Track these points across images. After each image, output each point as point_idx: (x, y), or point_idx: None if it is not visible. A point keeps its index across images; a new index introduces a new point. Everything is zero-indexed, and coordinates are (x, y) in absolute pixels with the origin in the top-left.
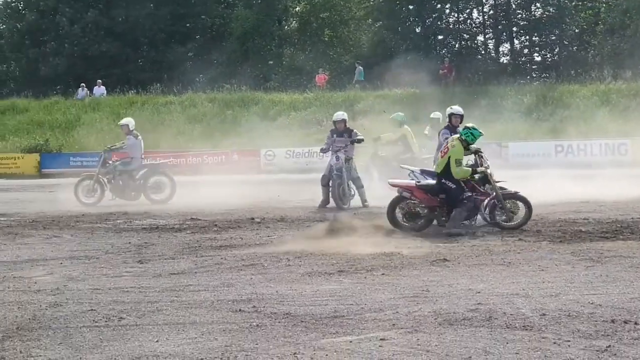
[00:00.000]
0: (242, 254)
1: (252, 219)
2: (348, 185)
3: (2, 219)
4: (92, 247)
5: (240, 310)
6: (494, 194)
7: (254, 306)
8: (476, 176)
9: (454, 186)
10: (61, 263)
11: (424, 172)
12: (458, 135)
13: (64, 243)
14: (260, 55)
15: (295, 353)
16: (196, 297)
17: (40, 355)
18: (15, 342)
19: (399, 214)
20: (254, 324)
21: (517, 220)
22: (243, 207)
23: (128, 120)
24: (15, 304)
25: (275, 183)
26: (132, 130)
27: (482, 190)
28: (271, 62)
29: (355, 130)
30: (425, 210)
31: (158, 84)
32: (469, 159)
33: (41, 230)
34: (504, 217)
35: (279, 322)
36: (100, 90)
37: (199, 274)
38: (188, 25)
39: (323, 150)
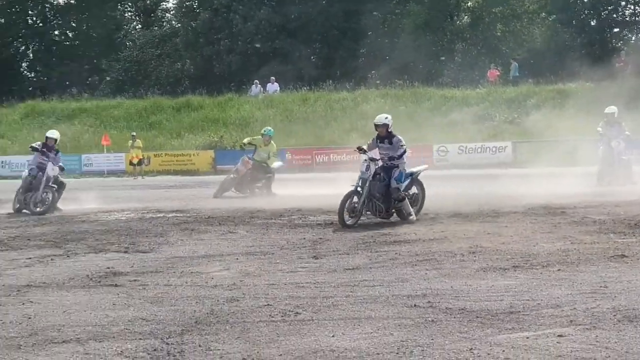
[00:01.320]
0: (416, 250)
1: (426, 214)
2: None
3: (178, 215)
4: (267, 242)
5: (415, 305)
6: None
7: (429, 301)
8: None
9: None
10: (237, 259)
11: None
12: None
13: (240, 239)
14: (432, 51)
15: (471, 349)
16: (371, 292)
17: (218, 349)
18: (194, 336)
19: None
20: (429, 319)
21: None
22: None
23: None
24: (194, 299)
25: (448, 179)
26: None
27: None
28: (443, 58)
29: (397, 137)
30: None
31: (330, 81)
32: None
33: (217, 226)
34: None
35: (454, 317)
36: (273, 87)
37: (374, 269)
38: (360, 21)
39: (360, 149)
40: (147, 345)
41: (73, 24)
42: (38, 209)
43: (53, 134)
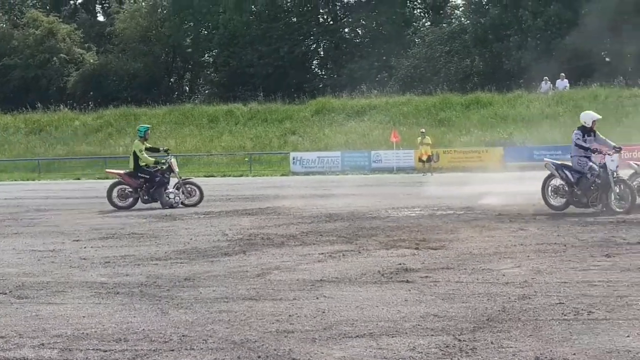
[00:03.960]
0: None
1: None
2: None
3: (469, 212)
4: (558, 240)
5: None
6: None
7: None
8: None
9: None
10: (528, 256)
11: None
12: None
13: (530, 236)
14: None
15: None
16: None
17: (510, 347)
18: (486, 333)
19: None
20: None
21: None
22: None
23: None
24: (485, 296)
25: None
26: None
27: None
28: None
29: None
30: None
31: (621, 77)
32: None
33: (507, 223)
34: None
35: None
36: (563, 83)
37: None
38: None
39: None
40: (439, 341)
41: (363, 22)
42: None
43: (594, 115)
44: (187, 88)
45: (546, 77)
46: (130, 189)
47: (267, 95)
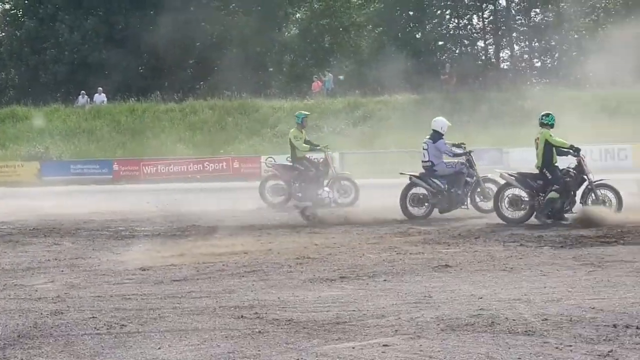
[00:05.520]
0: (243, 261)
1: (252, 225)
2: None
3: (2, 226)
4: (93, 254)
5: (242, 316)
6: None
7: (256, 312)
8: None
9: None
10: (62, 271)
11: None
12: None
13: (65, 250)
14: (261, 62)
15: (297, 359)
16: (198, 304)
17: None
18: (17, 350)
19: None
20: (256, 330)
21: None
22: (245, 214)
23: None
24: (17, 312)
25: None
26: None
27: None
28: (271, 69)
29: None
30: None
31: (158, 92)
32: None
33: (42, 237)
34: None
35: (281, 328)
36: (100, 97)
37: (201, 280)
38: (188, 32)
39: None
40: None
41: None
42: None
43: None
44: None
45: (83, 91)
46: (283, 185)
47: None
